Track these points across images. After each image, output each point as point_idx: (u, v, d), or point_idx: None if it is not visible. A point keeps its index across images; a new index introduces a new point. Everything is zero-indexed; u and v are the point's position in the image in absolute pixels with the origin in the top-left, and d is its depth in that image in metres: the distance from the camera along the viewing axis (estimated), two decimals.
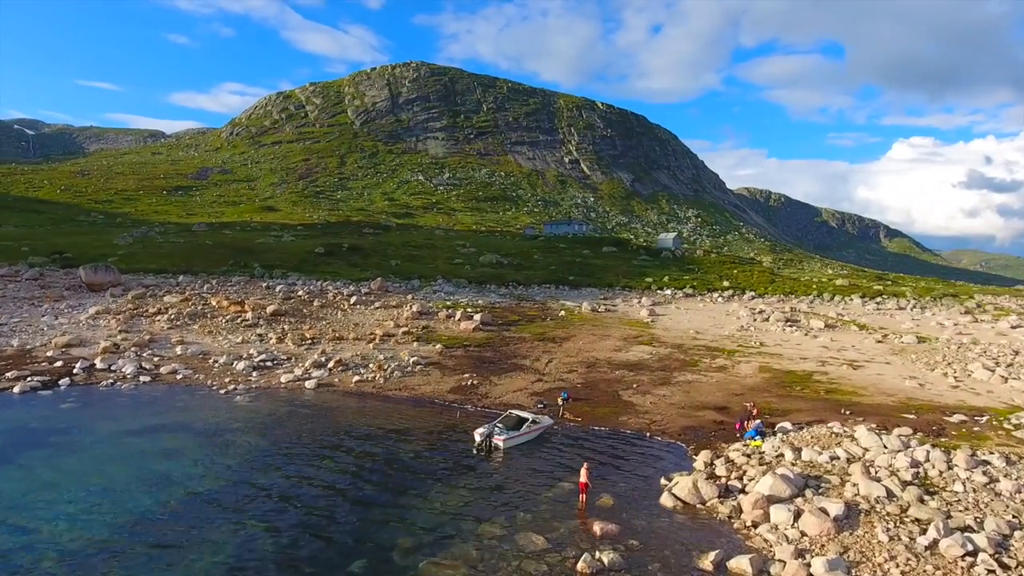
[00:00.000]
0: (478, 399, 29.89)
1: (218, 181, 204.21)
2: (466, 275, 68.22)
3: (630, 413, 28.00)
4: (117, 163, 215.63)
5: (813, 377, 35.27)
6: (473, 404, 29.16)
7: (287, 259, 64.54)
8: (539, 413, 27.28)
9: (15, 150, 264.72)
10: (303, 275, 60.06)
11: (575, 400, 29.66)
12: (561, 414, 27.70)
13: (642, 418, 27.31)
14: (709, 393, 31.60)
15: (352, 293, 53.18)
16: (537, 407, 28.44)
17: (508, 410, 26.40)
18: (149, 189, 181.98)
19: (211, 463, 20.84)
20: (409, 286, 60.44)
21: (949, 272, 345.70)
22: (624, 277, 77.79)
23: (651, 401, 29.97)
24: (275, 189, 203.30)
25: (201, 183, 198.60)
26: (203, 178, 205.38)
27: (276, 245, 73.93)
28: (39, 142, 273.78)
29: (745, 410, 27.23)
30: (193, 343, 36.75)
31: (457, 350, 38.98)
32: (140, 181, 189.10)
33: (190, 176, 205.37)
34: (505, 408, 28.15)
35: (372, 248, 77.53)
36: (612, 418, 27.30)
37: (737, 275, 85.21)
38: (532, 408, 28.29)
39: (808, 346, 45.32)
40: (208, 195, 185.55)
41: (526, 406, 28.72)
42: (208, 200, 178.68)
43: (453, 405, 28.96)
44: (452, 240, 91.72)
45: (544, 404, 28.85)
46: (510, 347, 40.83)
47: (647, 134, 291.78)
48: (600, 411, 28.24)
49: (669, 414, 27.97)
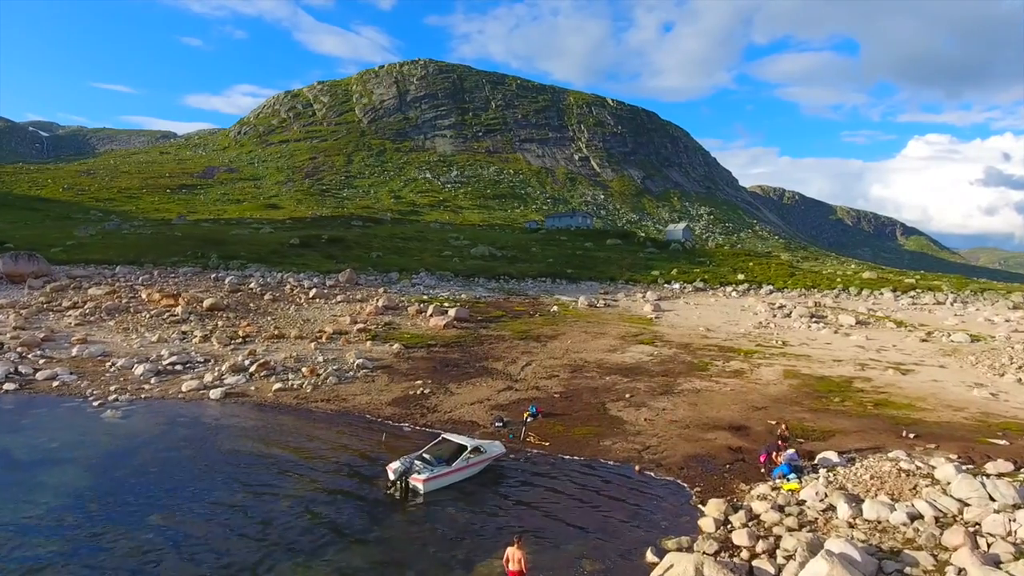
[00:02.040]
0: (422, 414, 22.73)
1: (224, 180, 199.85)
2: (453, 268, 61.25)
3: (617, 434, 20.70)
4: (124, 163, 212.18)
5: (854, 385, 27.65)
6: (414, 421, 22.02)
7: (255, 250, 58.13)
8: (494, 435, 20.14)
9: (30, 151, 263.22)
10: (267, 267, 53.40)
11: (547, 416, 22.43)
12: (524, 436, 20.47)
13: (632, 442, 20.03)
14: (722, 406, 24.17)
15: (315, 286, 46.25)
16: (493, 427, 21.26)
17: (442, 435, 18.76)
18: (153, 188, 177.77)
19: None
20: (387, 279, 53.62)
21: (968, 270, 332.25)
22: (628, 270, 70.24)
23: (646, 417, 22.64)
24: (280, 187, 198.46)
25: (206, 182, 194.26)
26: (209, 177, 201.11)
27: (250, 237, 67.63)
28: (53, 143, 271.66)
29: (772, 432, 19.91)
30: (98, 342, 30.08)
31: (419, 350, 31.97)
32: (144, 180, 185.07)
33: (196, 175, 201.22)
34: (454, 426, 21.14)
35: (355, 240, 70.94)
36: (592, 442, 20.01)
37: (753, 268, 77.12)
38: (487, 427, 21.22)
39: (840, 346, 37.59)
40: (212, 193, 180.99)
41: (480, 424, 21.63)
42: (212, 198, 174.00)
43: (386, 423, 21.93)
44: (446, 233, 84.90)
45: (504, 423, 21.57)
46: (483, 347, 33.71)
47: (658, 131, 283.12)
48: (577, 432, 20.97)
49: (668, 436, 20.64)
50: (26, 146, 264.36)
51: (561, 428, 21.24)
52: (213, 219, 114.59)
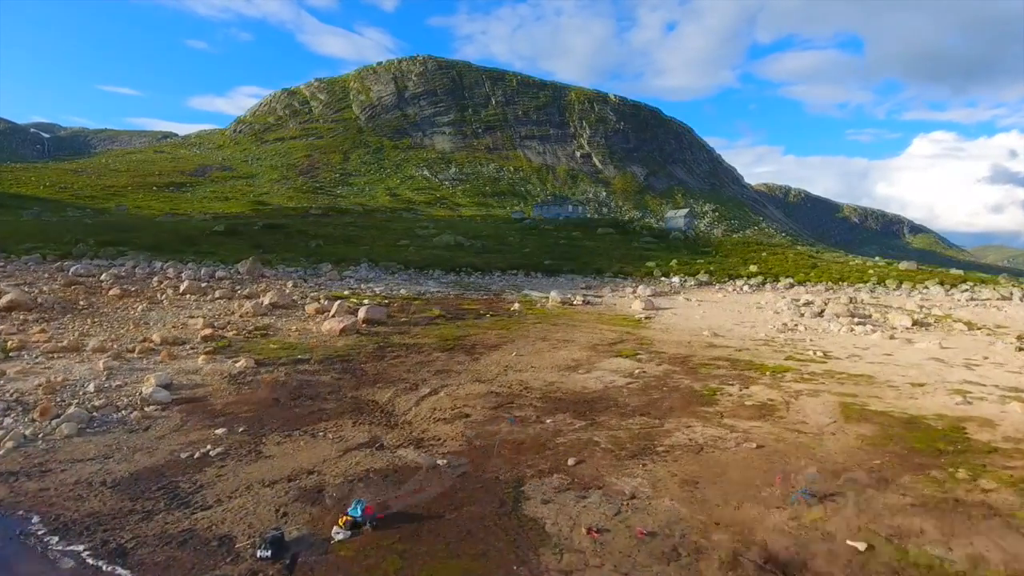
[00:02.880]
0: (144, 517, 11.01)
1: (216, 178, 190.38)
2: (405, 259, 49.69)
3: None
4: (117, 161, 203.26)
5: (969, 434, 15.22)
6: (107, 541, 10.51)
7: (161, 239, 47.05)
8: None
9: (31, 153, 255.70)
10: (158, 255, 42.00)
11: (390, 523, 10.43)
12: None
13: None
14: (745, 489, 12.04)
15: (196, 278, 34.89)
16: (254, 557, 9.32)
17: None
18: (140, 186, 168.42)
19: None
20: (314, 271, 42.28)
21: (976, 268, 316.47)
22: (619, 262, 58.28)
23: (591, 527, 10.56)
24: (274, 185, 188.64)
25: (198, 180, 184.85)
26: (202, 175, 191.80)
27: (170, 226, 56.70)
28: (54, 145, 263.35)
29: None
30: None
31: (274, 370, 20.35)
32: (133, 178, 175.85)
33: (188, 173, 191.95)
34: (175, 554, 9.63)
35: (299, 229, 59.76)
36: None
37: (767, 259, 64.74)
38: (244, 555, 9.69)
39: (908, 358, 25.45)
40: (202, 191, 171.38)
41: (233, 548, 10.03)
42: (200, 196, 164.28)
43: (48, 547, 10.41)
44: (415, 223, 73.58)
45: (277, 548, 9.42)
46: (380, 364, 22.06)
47: (662, 127, 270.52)
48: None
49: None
50: (27, 147, 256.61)
51: (397, 567, 9.60)
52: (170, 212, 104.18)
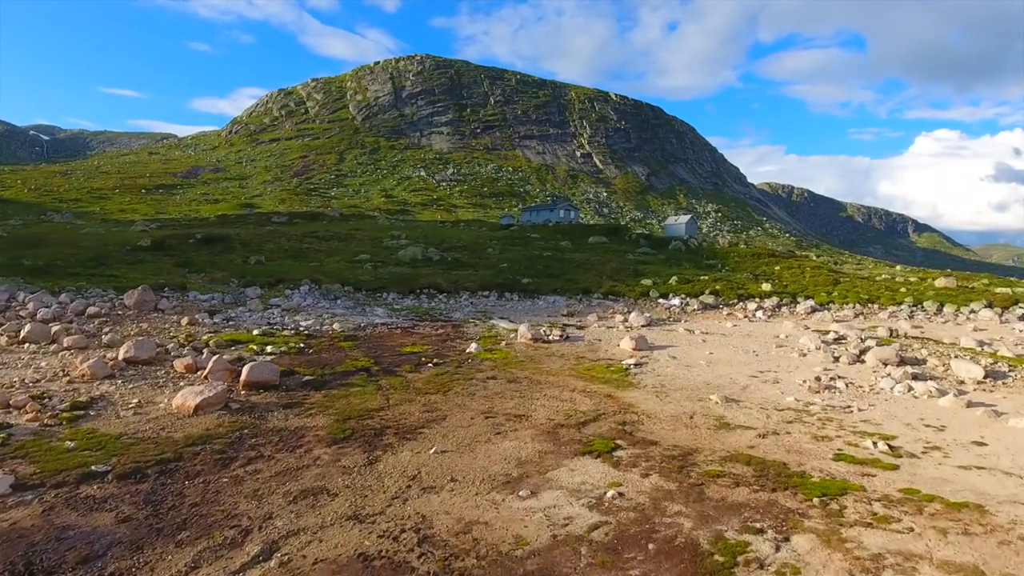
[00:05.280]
0: None
1: (208, 180, 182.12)
2: (357, 279, 40.32)
3: None
4: (107, 164, 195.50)
5: None
6: None
7: (55, 257, 37.85)
8: None
9: (29, 155, 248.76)
10: (42, 280, 32.25)
11: None
12: None
13: None
14: None
15: (47, 318, 22.91)
16: None
17: None
18: (127, 188, 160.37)
19: None
20: (235, 298, 32.79)
21: (982, 268, 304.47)
22: (610, 279, 48.69)
23: None
24: (266, 187, 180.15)
25: (188, 182, 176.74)
26: (192, 177, 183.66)
27: (94, 239, 47.89)
28: (53, 147, 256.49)
29: None
30: None
31: (34, 499, 10.47)
32: (121, 180, 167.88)
33: (179, 175, 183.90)
34: None
35: (245, 240, 50.87)
36: None
37: (781, 273, 54.73)
38: None
39: (1015, 445, 15.84)
40: (191, 193, 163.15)
41: None
42: (188, 198, 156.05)
43: None
44: (387, 231, 64.57)
45: None
46: (221, 476, 11.16)
47: (663, 126, 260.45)
48: None
49: None
50: (26, 149, 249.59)
51: None
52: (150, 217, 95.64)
